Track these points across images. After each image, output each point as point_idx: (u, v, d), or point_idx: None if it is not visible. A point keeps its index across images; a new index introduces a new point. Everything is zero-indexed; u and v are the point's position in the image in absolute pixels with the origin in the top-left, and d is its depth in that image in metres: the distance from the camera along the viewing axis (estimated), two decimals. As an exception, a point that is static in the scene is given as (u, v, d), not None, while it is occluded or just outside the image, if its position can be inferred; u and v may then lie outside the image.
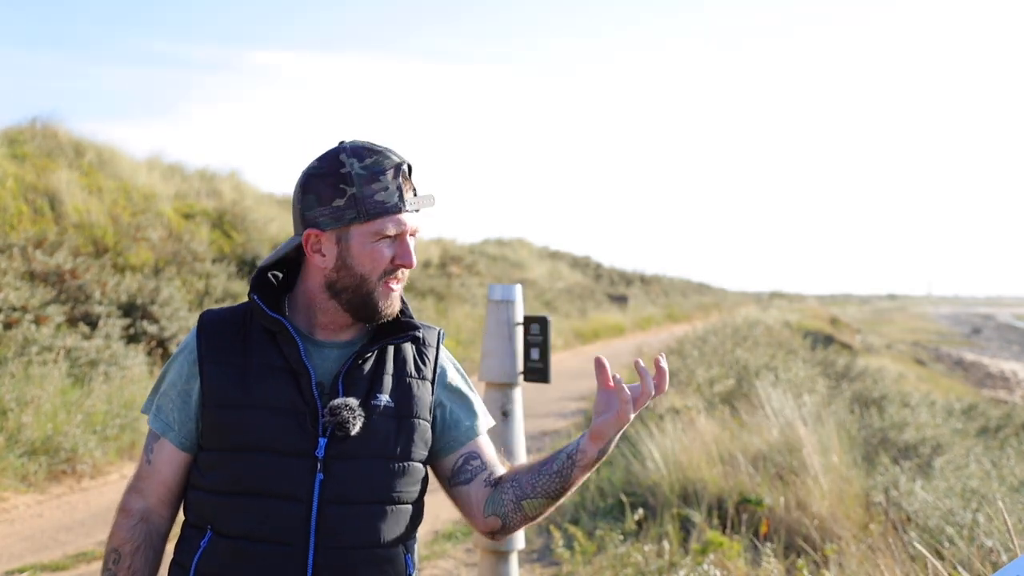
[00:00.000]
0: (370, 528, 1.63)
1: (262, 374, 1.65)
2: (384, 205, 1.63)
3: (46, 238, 10.41)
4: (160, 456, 1.70)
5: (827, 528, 5.23)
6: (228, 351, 1.67)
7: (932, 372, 25.31)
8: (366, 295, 1.66)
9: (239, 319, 1.72)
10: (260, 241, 14.56)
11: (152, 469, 1.71)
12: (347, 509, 1.62)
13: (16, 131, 13.13)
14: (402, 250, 1.66)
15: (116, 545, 1.70)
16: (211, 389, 1.66)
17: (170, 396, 1.70)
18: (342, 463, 1.62)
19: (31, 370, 7.41)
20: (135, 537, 1.70)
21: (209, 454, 1.67)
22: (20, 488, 6.41)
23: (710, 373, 10.60)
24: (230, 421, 1.64)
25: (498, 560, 3.89)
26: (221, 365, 1.66)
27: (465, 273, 21.87)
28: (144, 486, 1.71)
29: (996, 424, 10.94)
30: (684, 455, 6.25)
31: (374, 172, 1.63)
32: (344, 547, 1.62)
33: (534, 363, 3.94)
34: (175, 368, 1.72)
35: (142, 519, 1.71)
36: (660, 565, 4.68)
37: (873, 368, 15.50)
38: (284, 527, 1.60)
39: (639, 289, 37.15)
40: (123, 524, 1.71)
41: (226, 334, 1.69)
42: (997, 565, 3.64)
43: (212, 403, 1.65)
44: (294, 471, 1.60)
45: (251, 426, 1.63)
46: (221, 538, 1.64)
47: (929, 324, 69.87)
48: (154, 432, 1.71)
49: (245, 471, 1.62)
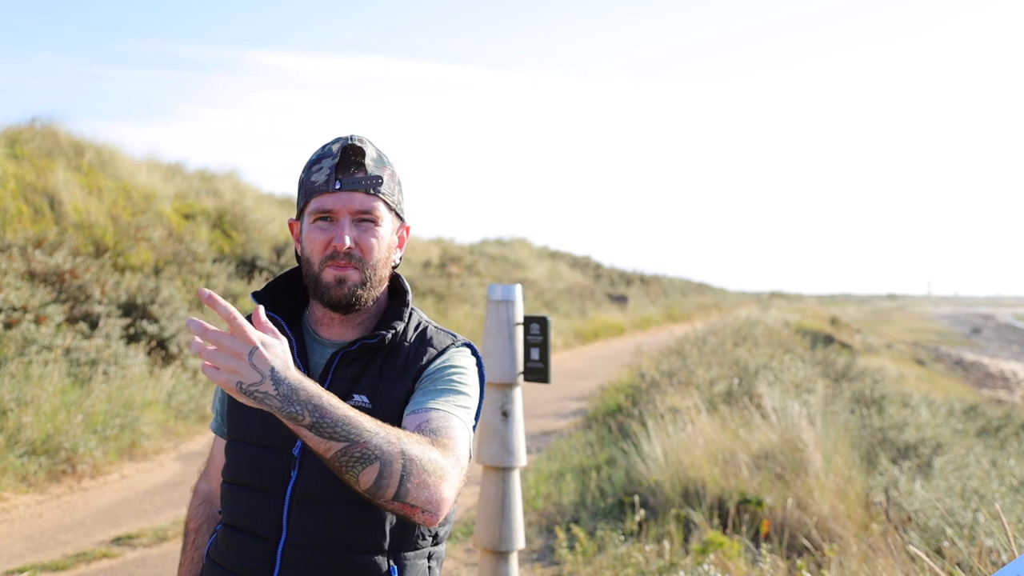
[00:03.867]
0: (339, 530, 1.58)
1: None
2: (315, 185, 1.63)
3: (46, 238, 10.41)
4: (215, 444, 1.90)
5: (827, 528, 5.23)
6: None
7: (932, 372, 25.29)
8: (315, 280, 1.64)
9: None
10: (260, 241, 14.57)
11: (212, 457, 1.91)
12: (316, 506, 1.59)
13: (16, 131, 13.12)
14: (337, 231, 1.62)
15: (187, 523, 1.92)
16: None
17: (217, 395, 1.89)
18: (316, 460, 1.56)
19: (31, 370, 7.41)
20: (199, 515, 1.90)
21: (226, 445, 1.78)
22: (20, 488, 6.41)
23: (710, 373, 10.60)
24: (234, 415, 1.73)
25: (498, 560, 3.89)
26: None
27: (465, 273, 21.87)
28: (208, 471, 1.93)
29: (996, 424, 10.94)
30: (685, 455, 6.25)
31: (318, 156, 1.65)
32: (312, 545, 1.58)
33: (534, 363, 3.94)
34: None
35: (205, 500, 1.91)
36: (661, 565, 4.68)
37: (873, 368, 15.49)
38: (262, 520, 1.63)
39: (639, 289, 37.14)
40: (192, 504, 1.92)
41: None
42: (997, 565, 3.64)
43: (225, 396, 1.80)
44: (274, 466, 1.63)
45: (244, 420, 1.69)
46: (223, 526, 1.73)
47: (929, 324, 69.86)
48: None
49: (238, 463, 1.70)
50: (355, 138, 1.66)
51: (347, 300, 1.64)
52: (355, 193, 1.62)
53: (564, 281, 29.83)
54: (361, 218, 1.64)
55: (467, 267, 22.74)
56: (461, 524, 6.12)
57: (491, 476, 3.89)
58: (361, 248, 1.63)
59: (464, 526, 6.07)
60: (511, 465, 3.87)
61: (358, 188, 1.63)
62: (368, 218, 1.64)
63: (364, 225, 1.64)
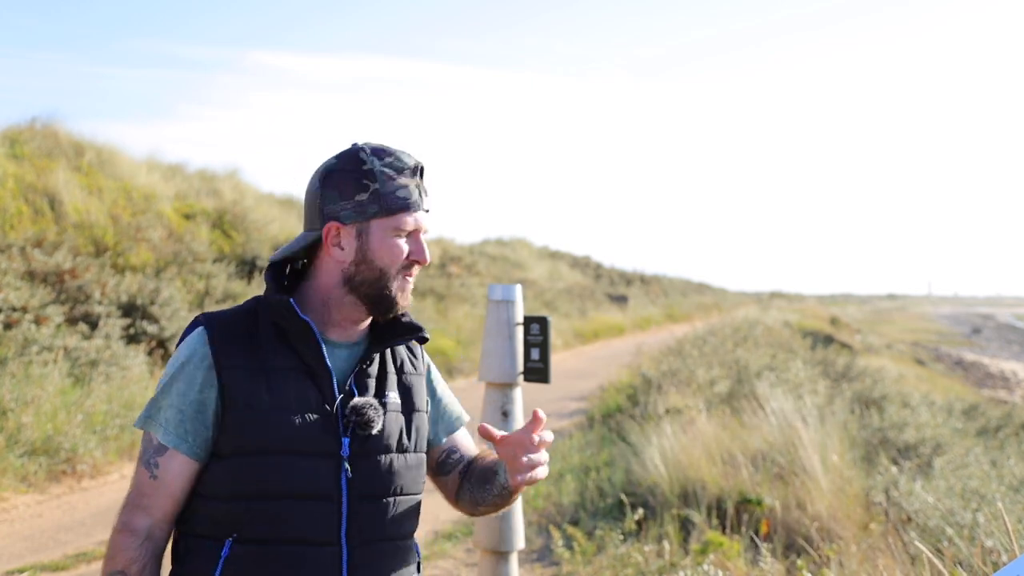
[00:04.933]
0: (394, 520, 1.71)
1: (281, 376, 1.66)
2: (405, 201, 1.69)
3: (46, 238, 10.42)
4: (169, 469, 1.63)
5: (827, 528, 5.23)
6: (243, 354, 1.66)
7: (932, 372, 25.30)
8: (384, 288, 1.70)
9: (245, 321, 1.71)
10: (260, 241, 14.57)
11: (159, 484, 1.63)
12: (374, 504, 1.68)
13: (16, 131, 13.13)
14: (418, 246, 1.72)
15: (122, 567, 1.62)
16: (234, 394, 1.63)
17: (179, 407, 1.64)
18: (365, 460, 1.68)
19: (31, 370, 7.41)
20: (142, 556, 1.63)
21: (228, 460, 1.63)
22: (20, 488, 6.41)
23: (710, 373, 10.60)
24: (256, 425, 1.62)
25: (498, 560, 3.89)
26: (239, 369, 1.65)
27: (465, 273, 21.88)
28: (149, 503, 1.64)
29: (996, 424, 10.94)
30: (684, 455, 6.25)
31: (396, 169, 1.70)
32: (374, 541, 1.68)
33: (534, 363, 3.94)
34: (184, 378, 1.65)
35: (147, 537, 1.64)
36: (660, 565, 4.68)
37: (873, 368, 15.48)
38: (316, 527, 1.62)
39: (639, 289, 37.14)
40: (128, 544, 1.63)
41: (237, 338, 1.67)
42: (997, 565, 3.64)
43: (236, 408, 1.63)
44: (321, 471, 1.64)
45: (276, 428, 1.62)
46: (246, 544, 1.62)
47: (929, 324, 69.88)
48: (160, 445, 1.64)
49: (271, 474, 1.62)
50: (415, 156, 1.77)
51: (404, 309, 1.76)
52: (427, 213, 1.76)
53: (564, 281, 29.83)
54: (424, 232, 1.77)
55: (467, 267, 22.75)
56: (461, 524, 6.12)
57: (491, 476, 3.89)
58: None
59: (464, 526, 6.07)
60: (511, 465, 3.87)
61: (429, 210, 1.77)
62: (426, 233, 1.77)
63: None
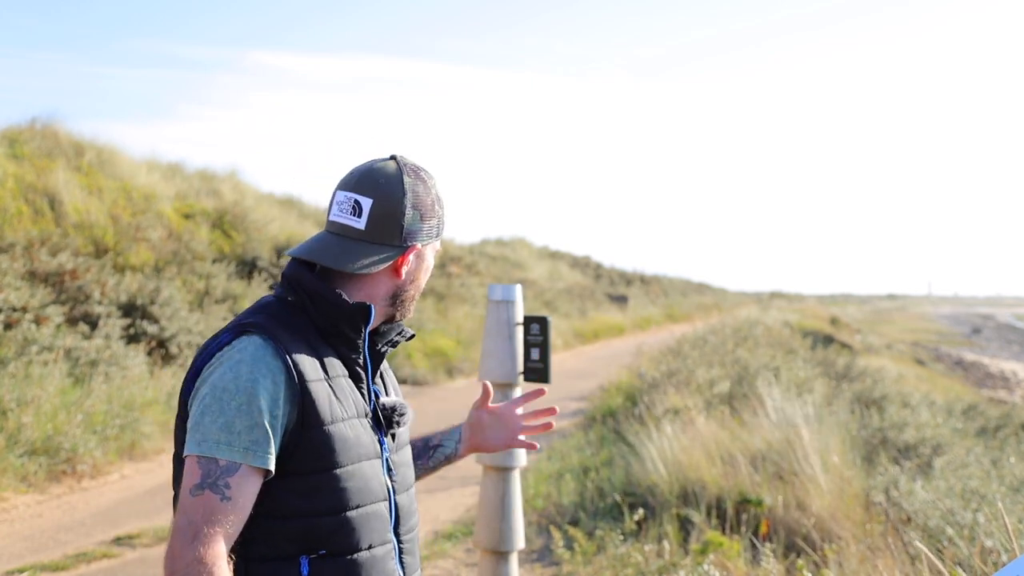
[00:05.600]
0: (415, 510, 1.83)
1: (339, 384, 1.66)
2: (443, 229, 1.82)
3: (46, 238, 10.41)
4: (244, 489, 1.52)
5: (827, 528, 5.23)
6: (314, 367, 1.62)
7: (932, 372, 25.30)
8: (410, 300, 1.80)
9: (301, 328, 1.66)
10: (260, 241, 14.56)
11: (233, 505, 1.51)
12: (406, 497, 1.78)
13: (16, 131, 13.13)
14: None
15: None
16: (316, 410, 1.59)
17: (262, 425, 1.54)
18: (398, 456, 1.79)
19: (31, 370, 7.41)
20: None
21: (305, 477, 1.58)
22: (20, 488, 6.42)
23: (710, 373, 10.60)
24: (335, 439, 1.60)
25: (498, 560, 3.89)
26: (317, 382, 1.61)
27: (465, 273, 21.87)
28: (227, 529, 1.50)
29: (996, 424, 10.93)
30: (684, 455, 6.26)
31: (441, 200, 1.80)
32: (410, 531, 1.79)
33: (534, 363, 3.94)
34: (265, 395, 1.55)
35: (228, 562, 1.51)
36: (660, 565, 4.68)
37: (873, 368, 15.48)
38: (381, 528, 1.69)
39: (639, 289, 37.14)
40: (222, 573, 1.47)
41: (302, 348, 1.62)
42: (997, 565, 3.64)
43: (316, 424, 1.58)
44: (379, 474, 1.71)
45: (347, 440, 1.62)
46: (330, 559, 1.59)
47: (929, 324, 69.89)
48: (231, 464, 1.51)
49: (350, 485, 1.61)
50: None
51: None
52: None
53: (564, 281, 29.83)
54: None
55: (467, 267, 22.75)
56: (461, 524, 6.13)
57: (491, 476, 3.90)
58: None
59: (464, 526, 6.08)
60: (511, 465, 3.87)
61: None
62: None
63: None
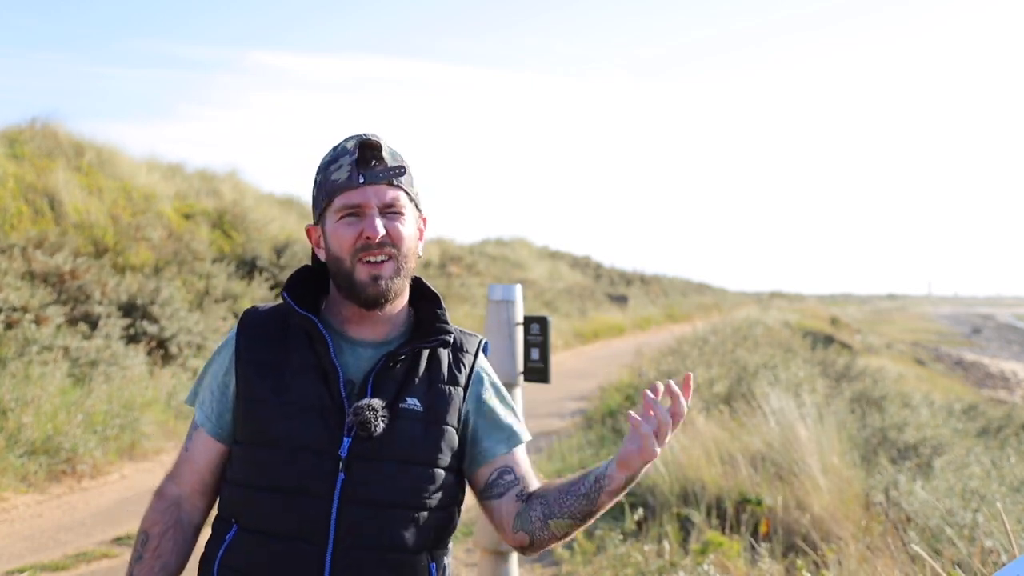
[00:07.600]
0: (391, 531, 1.62)
1: (297, 372, 1.66)
2: (337, 183, 1.64)
3: (46, 238, 10.41)
4: (196, 445, 1.74)
5: (827, 528, 5.23)
6: (265, 349, 1.70)
7: (932, 372, 25.29)
8: (347, 276, 1.65)
9: (280, 318, 1.74)
10: (260, 241, 14.56)
11: (188, 457, 1.74)
12: (368, 510, 1.61)
13: (16, 131, 13.12)
14: (367, 223, 1.63)
15: (146, 527, 1.73)
16: (243, 385, 1.69)
17: (211, 387, 1.74)
18: (365, 463, 1.61)
19: (31, 370, 7.41)
20: (165, 520, 1.72)
21: (240, 447, 1.69)
22: (20, 488, 6.41)
23: (710, 373, 10.59)
24: (258, 416, 1.66)
25: (498, 560, 3.89)
26: (254, 364, 1.69)
27: (465, 273, 21.87)
28: (180, 473, 1.75)
29: (996, 424, 10.93)
30: (683, 455, 6.25)
31: (334, 156, 1.67)
32: (363, 548, 1.60)
33: (534, 363, 3.94)
34: (217, 361, 1.76)
35: (174, 503, 1.73)
36: (660, 565, 4.68)
37: (873, 368, 15.48)
38: (304, 524, 1.60)
39: (639, 289, 37.13)
40: (155, 507, 1.74)
41: (266, 332, 1.71)
42: (997, 565, 3.64)
43: (244, 398, 1.68)
44: (316, 468, 1.61)
45: (278, 422, 1.63)
46: (244, 532, 1.65)
47: (929, 324, 69.85)
48: (194, 421, 1.75)
49: (269, 466, 1.63)
50: (369, 134, 1.68)
51: (384, 296, 1.66)
52: (379, 186, 1.65)
53: (564, 281, 29.82)
54: (387, 210, 1.66)
55: (467, 267, 22.74)
56: (461, 524, 6.10)
57: (491, 476, 3.90)
58: (392, 237, 1.65)
59: (464, 526, 6.06)
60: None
61: (381, 180, 1.65)
62: (394, 209, 1.66)
63: (390, 216, 1.66)
